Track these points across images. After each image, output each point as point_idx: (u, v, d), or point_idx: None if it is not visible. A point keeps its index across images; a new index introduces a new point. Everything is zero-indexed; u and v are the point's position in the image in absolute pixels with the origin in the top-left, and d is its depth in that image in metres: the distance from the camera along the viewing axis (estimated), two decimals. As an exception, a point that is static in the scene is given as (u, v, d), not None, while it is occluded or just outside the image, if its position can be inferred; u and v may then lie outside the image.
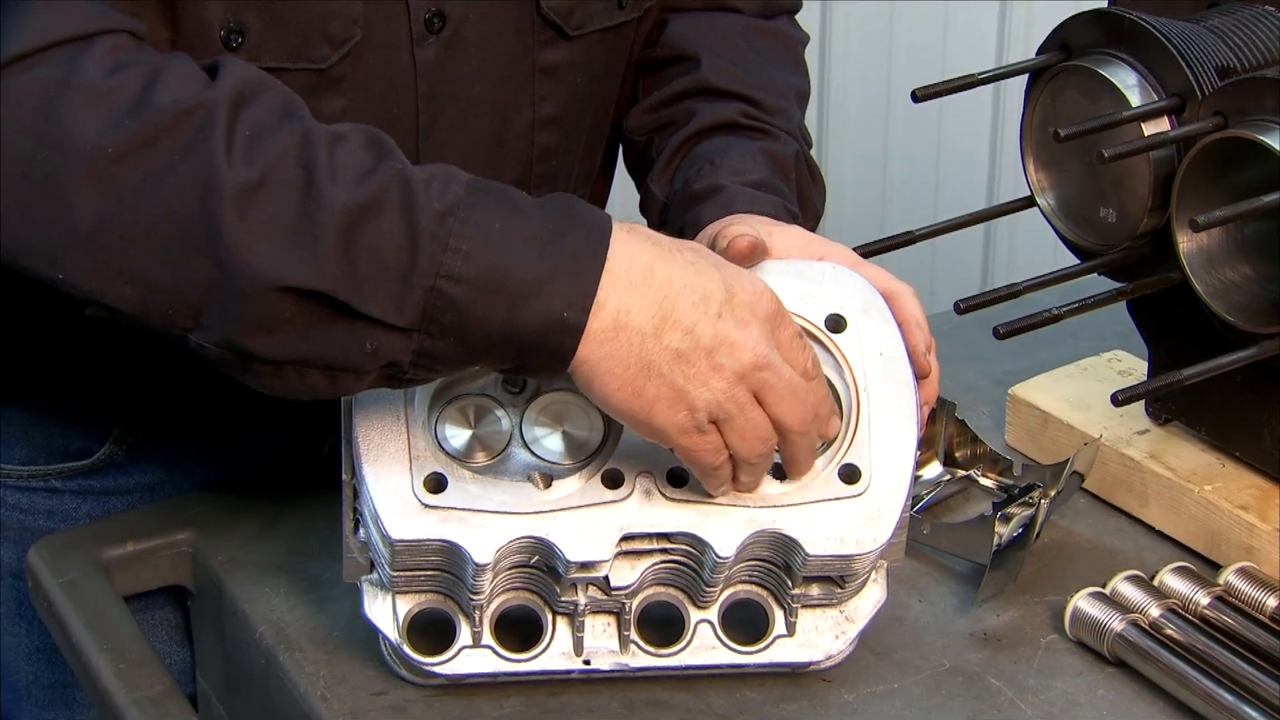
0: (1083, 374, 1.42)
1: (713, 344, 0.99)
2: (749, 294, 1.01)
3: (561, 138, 1.32)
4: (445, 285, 0.95)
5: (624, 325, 0.97)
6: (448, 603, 1.09)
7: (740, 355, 1.00)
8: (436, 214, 0.95)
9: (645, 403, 0.99)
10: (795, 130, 1.36)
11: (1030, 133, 1.31)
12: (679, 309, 0.98)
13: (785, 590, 1.10)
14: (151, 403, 1.33)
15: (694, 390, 0.99)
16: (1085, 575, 1.23)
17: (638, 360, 0.98)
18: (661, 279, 0.99)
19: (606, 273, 0.97)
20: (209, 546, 1.29)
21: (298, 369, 0.97)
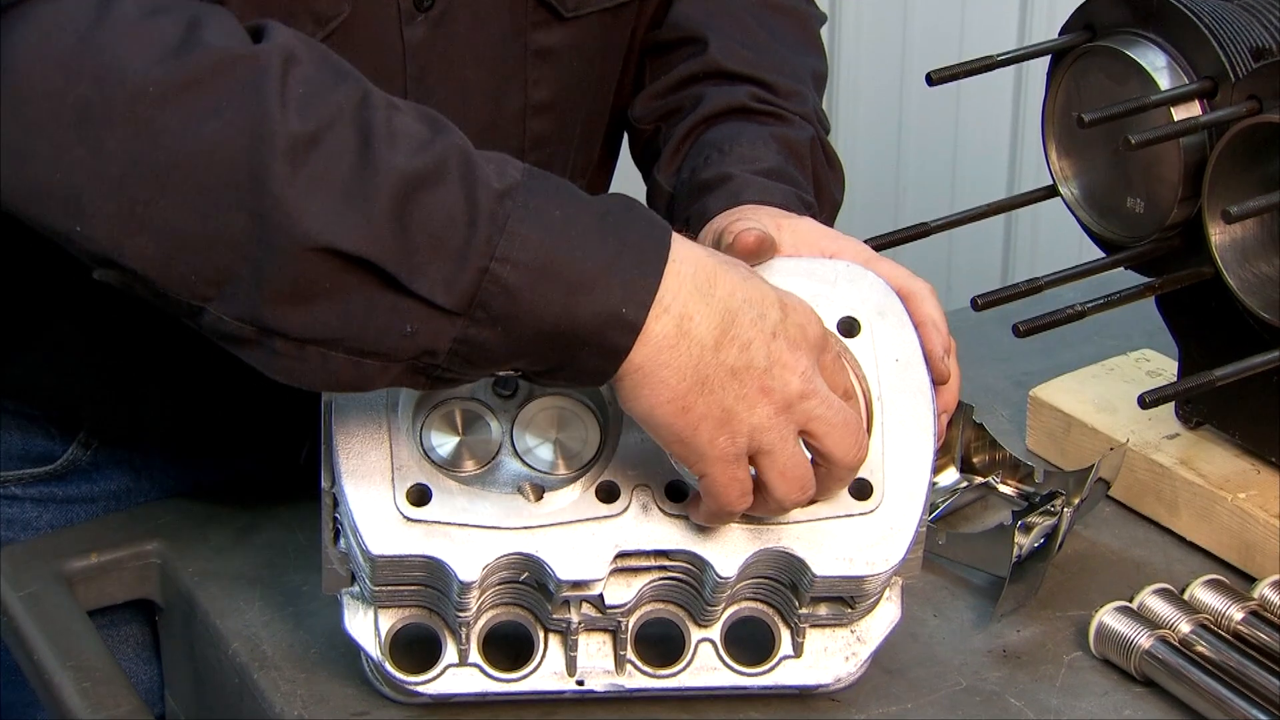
0: (1108, 374, 1.42)
1: (766, 364, 0.98)
2: (801, 315, 1.01)
3: (556, 124, 1.31)
4: (500, 268, 0.93)
5: (686, 333, 0.96)
6: (433, 618, 1.09)
7: (789, 381, 0.99)
8: (496, 193, 0.94)
9: (692, 419, 0.98)
10: (810, 114, 1.35)
11: (1052, 118, 1.31)
12: (740, 323, 0.98)
13: (792, 609, 1.09)
14: (118, 404, 1.33)
15: (742, 413, 0.98)
16: (1111, 588, 1.23)
17: (694, 373, 0.97)
18: (725, 288, 0.98)
19: (671, 273, 0.96)
20: (179, 558, 1.29)
21: (322, 350, 0.95)
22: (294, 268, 0.92)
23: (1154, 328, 1.39)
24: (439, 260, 0.93)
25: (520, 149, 1.30)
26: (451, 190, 0.94)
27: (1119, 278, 1.33)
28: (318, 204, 0.92)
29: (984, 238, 2.69)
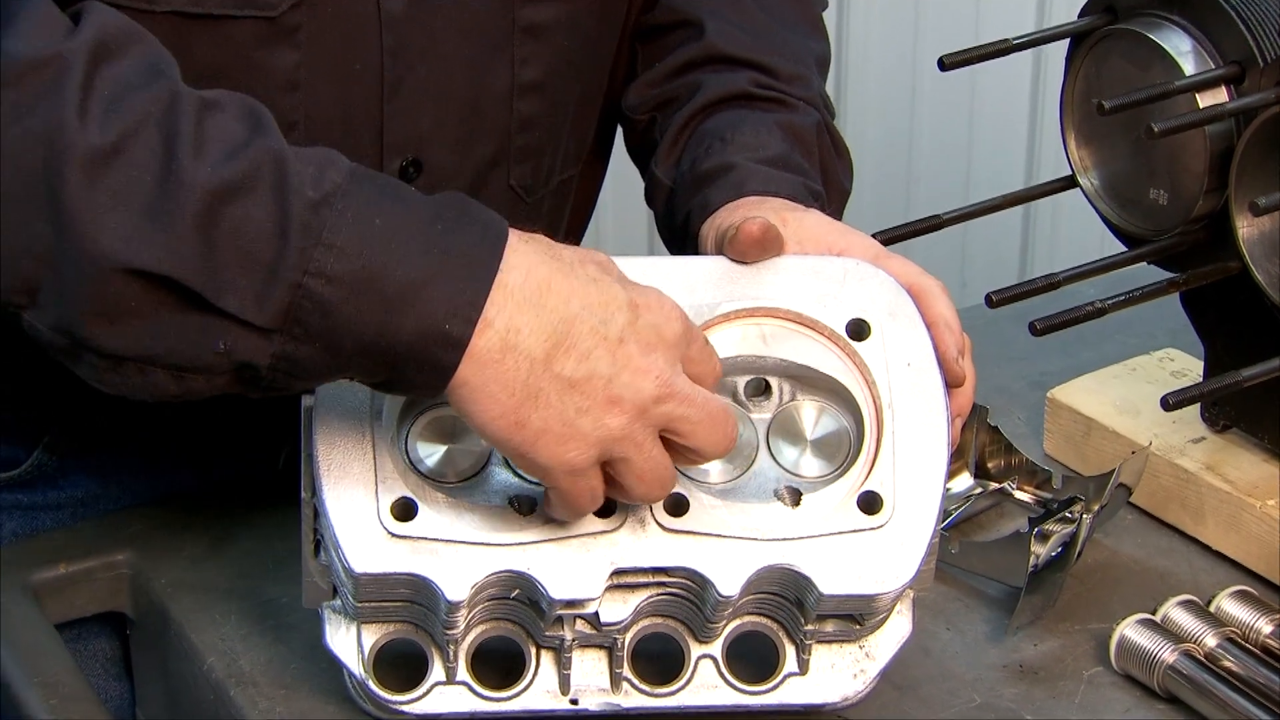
0: (1130, 375, 1.42)
1: (611, 372, 0.97)
2: (655, 314, 0.99)
3: (545, 106, 1.31)
4: (314, 283, 0.93)
5: (512, 346, 0.95)
6: (419, 634, 1.09)
7: (642, 386, 0.98)
8: (310, 202, 0.93)
9: (529, 434, 0.97)
10: (815, 99, 1.35)
11: (1071, 105, 1.30)
12: (576, 332, 0.97)
13: (798, 625, 1.09)
14: (86, 406, 1.32)
15: (586, 425, 0.97)
16: (1133, 600, 1.22)
17: (524, 387, 0.96)
18: (559, 297, 0.97)
19: (498, 286, 0.95)
20: (151, 568, 1.28)
21: (139, 365, 0.95)
22: (95, 286, 0.92)
23: (1178, 326, 1.39)
24: (248, 276, 0.93)
25: (507, 131, 1.29)
26: (262, 201, 0.93)
27: (1141, 273, 1.32)
28: (116, 220, 0.91)
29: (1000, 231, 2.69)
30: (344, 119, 1.22)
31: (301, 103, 1.20)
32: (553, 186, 1.38)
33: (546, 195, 1.38)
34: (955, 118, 2.74)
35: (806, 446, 1.10)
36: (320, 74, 1.02)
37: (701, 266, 1.11)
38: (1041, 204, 2.52)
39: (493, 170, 1.31)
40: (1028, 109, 2.68)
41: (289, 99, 1.19)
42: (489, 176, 1.31)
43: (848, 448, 1.09)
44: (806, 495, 1.07)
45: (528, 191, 1.35)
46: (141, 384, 0.96)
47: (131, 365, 0.95)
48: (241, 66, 1.15)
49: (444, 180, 1.30)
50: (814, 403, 1.10)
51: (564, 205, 1.44)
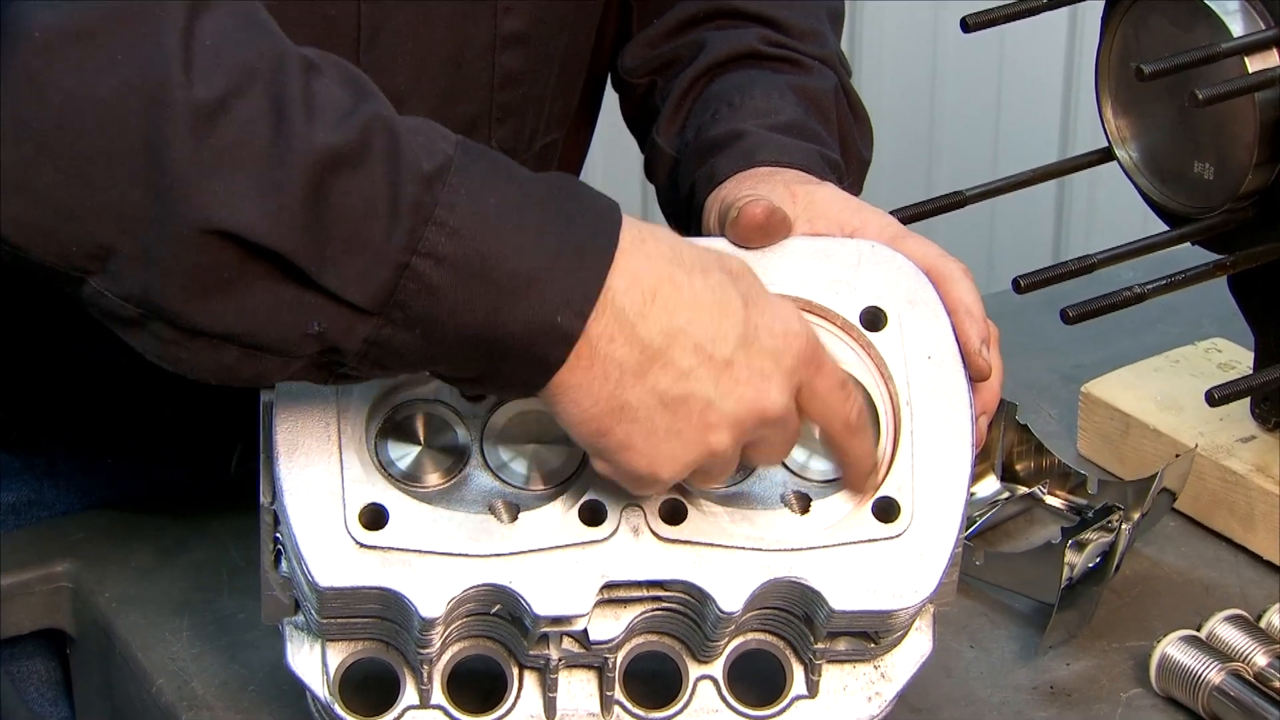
0: (1173, 367, 1.43)
1: (712, 396, 0.99)
2: (775, 337, 1.00)
3: (529, 61, 1.31)
4: (422, 264, 0.94)
5: (603, 356, 0.97)
6: (390, 652, 1.09)
7: (743, 414, 0.99)
8: (424, 176, 0.94)
9: (612, 443, 0.99)
10: (831, 58, 1.35)
11: (1108, 70, 1.31)
12: (677, 348, 0.98)
13: (806, 643, 1.09)
14: (20, 403, 1.33)
15: (676, 448, 0.99)
16: (1176, 615, 1.23)
17: (609, 399, 0.98)
18: (665, 308, 0.98)
19: (604, 289, 0.96)
20: (93, 581, 1.29)
21: (214, 341, 0.95)
22: (190, 254, 0.92)
23: (1226, 313, 1.39)
24: (354, 253, 0.94)
25: (489, 86, 1.30)
26: (373, 173, 0.94)
27: (1185, 255, 1.33)
28: (222, 184, 0.92)
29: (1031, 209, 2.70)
30: None
31: None
32: (535, 150, 1.39)
33: (529, 159, 1.38)
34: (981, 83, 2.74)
35: (816, 447, 1.10)
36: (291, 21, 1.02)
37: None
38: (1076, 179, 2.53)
39: (474, 130, 1.32)
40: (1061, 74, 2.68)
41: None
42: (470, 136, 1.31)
43: (861, 448, 1.10)
44: (816, 501, 1.08)
45: (509, 154, 1.35)
46: (210, 361, 0.96)
47: (204, 342, 0.95)
48: None
49: None
50: (824, 399, 1.11)
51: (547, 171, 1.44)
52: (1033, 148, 2.67)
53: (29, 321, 1.28)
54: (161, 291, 0.93)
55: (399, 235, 0.94)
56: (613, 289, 0.97)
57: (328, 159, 0.93)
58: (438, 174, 0.95)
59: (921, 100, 2.78)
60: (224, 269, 0.93)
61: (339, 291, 0.94)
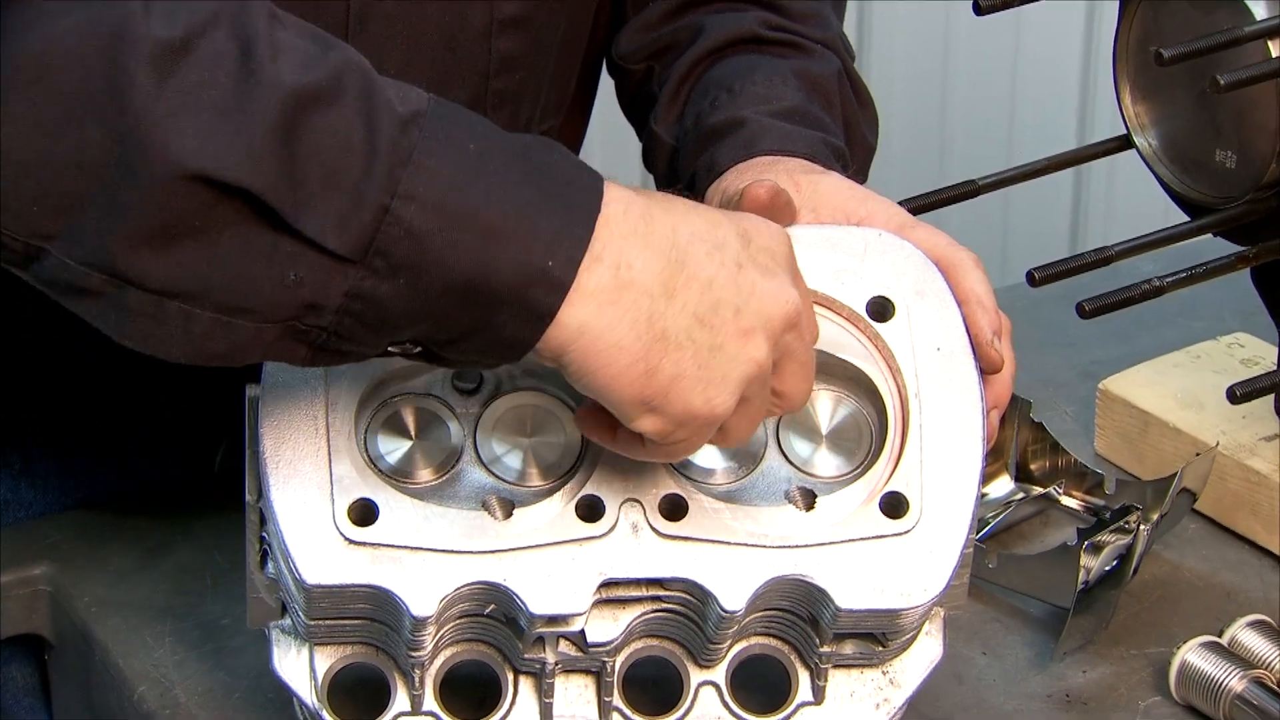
0: (1194, 363, 1.43)
1: (739, 301, 0.99)
2: (766, 236, 1.02)
3: (527, 46, 1.32)
4: (403, 208, 0.93)
5: (627, 283, 0.97)
6: (380, 657, 1.10)
7: (772, 313, 1.00)
8: (399, 118, 0.94)
9: (662, 382, 0.98)
10: (834, 40, 1.36)
11: (1126, 54, 1.31)
12: (692, 260, 0.98)
13: (812, 646, 1.10)
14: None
15: (724, 364, 0.99)
16: (1196, 621, 1.24)
17: (649, 327, 0.97)
18: (664, 225, 0.98)
19: (600, 220, 0.97)
20: (73, 584, 1.29)
21: (184, 306, 0.94)
22: (158, 199, 0.91)
23: (1249, 307, 1.40)
24: (332, 195, 0.93)
25: (484, 73, 1.31)
26: (348, 112, 0.93)
27: (1206, 247, 1.33)
28: (189, 122, 0.91)
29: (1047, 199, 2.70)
30: None
31: None
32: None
33: None
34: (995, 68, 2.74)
35: (821, 442, 1.11)
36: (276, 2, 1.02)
37: None
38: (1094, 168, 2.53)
39: None
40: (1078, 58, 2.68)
41: None
42: None
43: (868, 443, 1.11)
44: (821, 497, 1.08)
45: None
46: (181, 331, 0.95)
47: (175, 305, 0.94)
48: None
49: None
50: (830, 392, 1.12)
51: None
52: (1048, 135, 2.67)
53: (7, 325, 1.28)
54: (127, 245, 0.92)
55: (378, 175, 0.93)
56: (611, 218, 0.97)
57: (299, 96, 0.93)
58: (414, 118, 0.95)
59: (933, 85, 2.78)
60: (193, 215, 0.92)
61: (316, 236, 0.93)
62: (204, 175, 0.91)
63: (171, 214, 0.91)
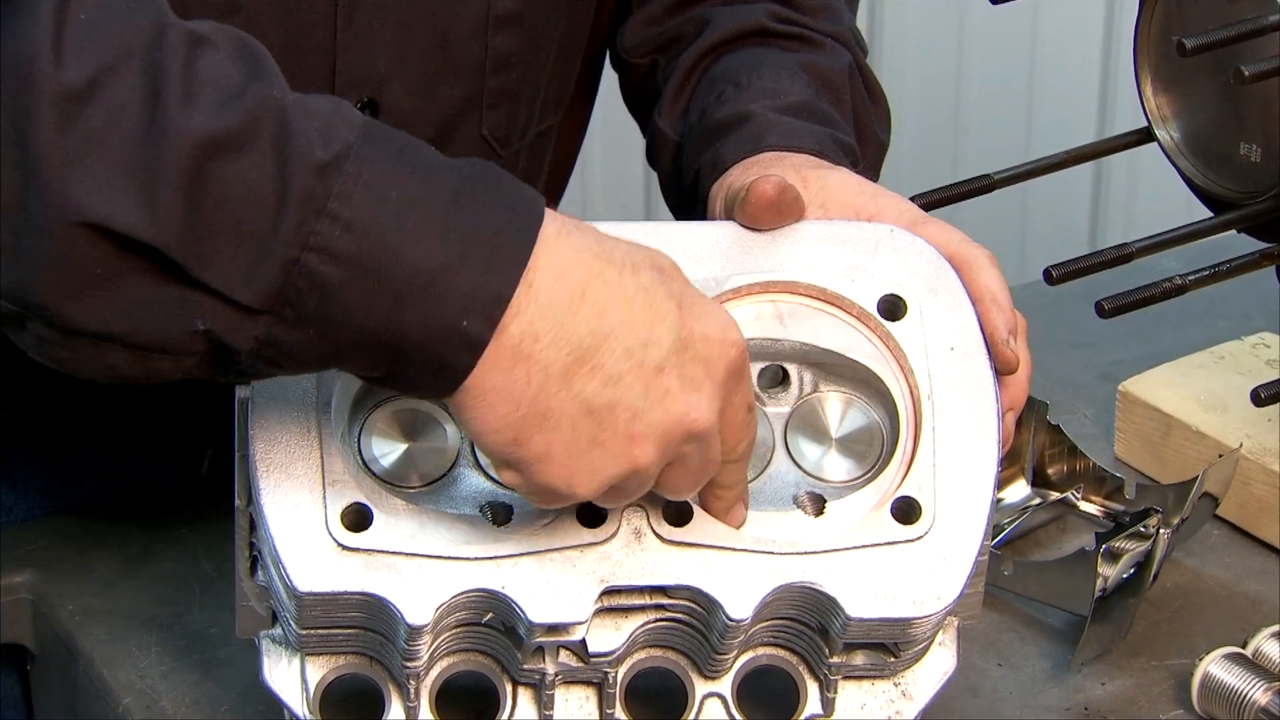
0: (1218, 364, 1.43)
1: (640, 406, 0.98)
2: (711, 345, 1.00)
3: (525, 42, 1.32)
4: (313, 260, 0.93)
5: (526, 356, 0.96)
6: (374, 667, 1.10)
7: (673, 424, 0.98)
8: (316, 166, 0.94)
9: (528, 454, 0.98)
10: (845, 34, 1.36)
11: (1148, 44, 1.31)
12: (606, 350, 0.97)
13: (821, 657, 1.10)
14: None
15: (597, 459, 0.98)
16: (1219, 631, 1.24)
17: (532, 403, 0.97)
18: (595, 307, 0.97)
19: (523, 284, 0.96)
20: (56, 593, 1.30)
21: (95, 342, 0.95)
22: (58, 246, 0.92)
23: (1275, 306, 1.40)
24: (239, 247, 0.93)
25: (480, 71, 1.31)
26: (260, 159, 0.93)
27: (1230, 243, 1.34)
28: (89, 170, 0.92)
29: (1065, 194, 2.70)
30: (290, 49, 1.23)
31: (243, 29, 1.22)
32: (529, 138, 1.40)
33: (523, 148, 1.40)
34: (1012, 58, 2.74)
35: (831, 445, 1.11)
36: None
37: (708, 233, 1.12)
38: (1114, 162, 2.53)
39: (463, 117, 1.33)
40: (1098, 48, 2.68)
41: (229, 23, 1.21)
42: (459, 124, 1.33)
43: (879, 446, 1.11)
44: (831, 502, 1.09)
45: (502, 143, 1.37)
46: (94, 363, 0.96)
47: (84, 342, 0.95)
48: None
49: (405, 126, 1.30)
50: (840, 394, 1.12)
51: (542, 160, 1.45)
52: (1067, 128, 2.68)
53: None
54: (33, 287, 0.93)
55: (288, 227, 0.93)
56: (536, 285, 0.96)
57: (207, 144, 0.93)
58: (334, 162, 0.94)
59: (947, 75, 2.79)
60: (95, 264, 0.92)
61: (223, 289, 0.93)
62: (104, 226, 0.92)
63: (73, 261, 0.92)
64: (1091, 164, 1.70)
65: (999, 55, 2.75)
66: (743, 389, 1.01)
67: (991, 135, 2.77)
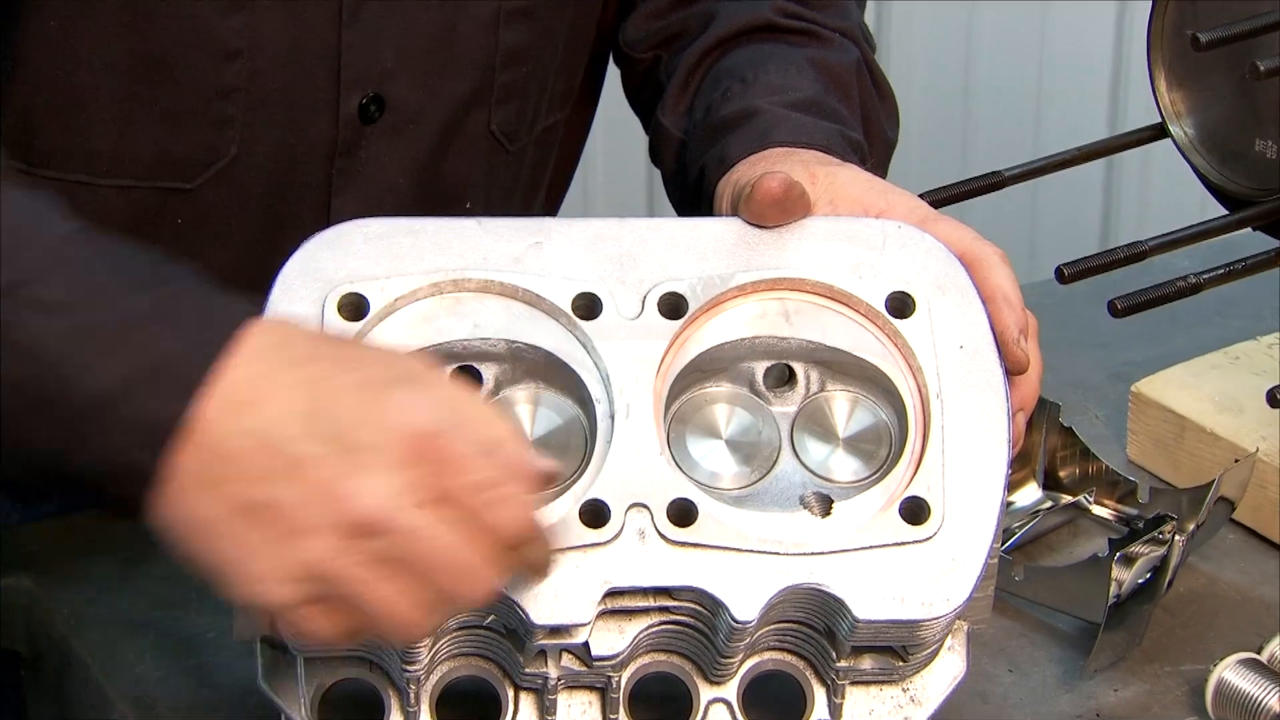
0: (1232, 365, 1.43)
1: (293, 500, 0.94)
2: (376, 431, 0.94)
3: (535, 38, 1.33)
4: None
5: (203, 481, 0.94)
6: (373, 672, 1.10)
7: (329, 514, 0.94)
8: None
9: (209, 570, 0.96)
10: (854, 30, 1.36)
11: (1161, 39, 1.31)
12: (261, 450, 0.94)
13: (828, 661, 1.11)
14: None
15: (267, 565, 0.94)
16: (1234, 636, 1.24)
17: (189, 518, 0.95)
18: (267, 416, 0.94)
19: (198, 410, 0.93)
20: (50, 596, 1.30)
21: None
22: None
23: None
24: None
25: (489, 67, 1.31)
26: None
27: (1245, 241, 1.34)
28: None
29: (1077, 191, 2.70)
30: (294, 46, 1.24)
31: (245, 28, 1.23)
32: (536, 134, 1.40)
33: (530, 144, 1.40)
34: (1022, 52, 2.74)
35: (838, 445, 1.11)
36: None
37: (713, 229, 1.13)
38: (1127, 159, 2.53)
39: (470, 111, 1.33)
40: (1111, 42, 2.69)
41: (231, 23, 1.22)
42: (466, 119, 1.33)
43: (887, 446, 1.11)
44: (838, 502, 1.09)
45: (510, 139, 1.37)
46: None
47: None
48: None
49: (411, 121, 1.32)
50: (847, 393, 1.12)
51: (548, 156, 1.45)
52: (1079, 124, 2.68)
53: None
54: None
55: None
56: (210, 413, 0.94)
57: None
58: (12, 289, 0.94)
59: (956, 70, 2.79)
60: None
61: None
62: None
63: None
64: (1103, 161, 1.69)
65: (1009, 50, 2.75)
66: (457, 469, 0.95)
67: (1001, 131, 2.78)
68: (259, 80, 1.26)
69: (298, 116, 1.29)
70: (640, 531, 1.06)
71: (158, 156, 1.28)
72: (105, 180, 1.28)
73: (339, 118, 1.30)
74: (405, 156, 1.33)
